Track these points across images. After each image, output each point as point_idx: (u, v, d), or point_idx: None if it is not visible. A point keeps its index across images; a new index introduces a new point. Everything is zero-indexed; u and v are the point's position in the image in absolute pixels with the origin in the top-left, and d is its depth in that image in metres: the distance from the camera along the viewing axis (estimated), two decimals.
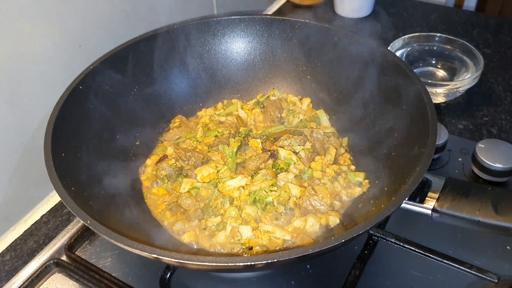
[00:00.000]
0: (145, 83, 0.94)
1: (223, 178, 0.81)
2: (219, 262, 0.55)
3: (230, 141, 0.89)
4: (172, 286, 0.73)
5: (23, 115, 0.80)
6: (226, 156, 0.86)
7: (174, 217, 0.78)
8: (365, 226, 0.58)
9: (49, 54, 0.81)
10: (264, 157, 0.85)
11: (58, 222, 0.86)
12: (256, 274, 0.75)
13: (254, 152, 0.87)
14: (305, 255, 0.55)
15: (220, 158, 0.87)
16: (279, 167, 0.83)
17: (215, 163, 0.85)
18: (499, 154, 0.84)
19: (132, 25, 0.96)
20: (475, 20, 1.35)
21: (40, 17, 0.77)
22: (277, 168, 0.83)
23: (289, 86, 1.01)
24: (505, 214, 0.64)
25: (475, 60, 1.06)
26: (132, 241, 0.57)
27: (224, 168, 0.83)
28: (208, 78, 1.00)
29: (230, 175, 0.82)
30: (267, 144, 0.88)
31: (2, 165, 0.79)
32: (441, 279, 0.73)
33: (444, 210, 0.67)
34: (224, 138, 0.90)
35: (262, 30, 0.99)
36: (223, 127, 0.92)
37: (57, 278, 0.76)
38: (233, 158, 0.85)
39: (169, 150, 0.88)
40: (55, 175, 0.65)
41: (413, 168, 0.66)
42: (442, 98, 1.06)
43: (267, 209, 0.78)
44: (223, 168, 0.83)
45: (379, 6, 1.42)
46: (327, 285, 0.73)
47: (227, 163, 0.84)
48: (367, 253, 0.75)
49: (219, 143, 0.89)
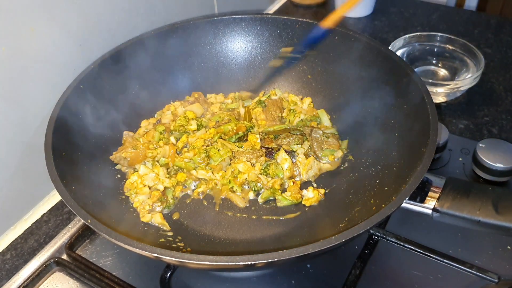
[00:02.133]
0: (145, 82, 0.94)
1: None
2: (219, 261, 0.55)
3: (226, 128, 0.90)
4: (173, 285, 0.73)
5: (24, 114, 0.80)
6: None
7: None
8: (365, 225, 0.58)
9: (50, 53, 0.81)
10: (258, 154, 0.85)
11: (58, 221, 0.86)
12: (256, 273, 0.75)
13: (250, 147, 0.87)
14: (305, 254, 0.55)
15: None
16: (267, 172, 0.84)
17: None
18: (499, 154, 0.84)
19: (133, 24, 0.96)
20: (476, 20, 1.35)
21: (41, 16, 0.77)
22: (266, 172, 0.84)
23: (289, 86, 1.01)
24: (505, 214, 0.64)
25: (476, 59, 1.06)
26: (132, 240, 0.57)
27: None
28: (209, 77, 1.00)
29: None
30: (266, 141, 0.88)
31: (3, 163, 0.79)
32: (441, 278, 0.73)
33: (444, 209, 0.67)
34: (223, 123, 0.91)
35: (263, 30, 0.99)
36: (226, 115, 0.94)
37: (57, 277, 0.76)
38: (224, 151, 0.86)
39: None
40: (55, 174, 0.66)
41: (413, 167, 0.66)
42: (443, 98, 1.06)
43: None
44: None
45: (380, 5, 1.42)
46: (328, 285, 0.73)
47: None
48: (368, 252, 0.75)
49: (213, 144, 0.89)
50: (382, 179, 0.78)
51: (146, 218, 0.77)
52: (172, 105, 0.97)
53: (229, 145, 0.86)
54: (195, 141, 0.88)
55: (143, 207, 0.79)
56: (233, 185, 0.83)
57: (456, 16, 1.37)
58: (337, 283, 0.72)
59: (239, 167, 0.83)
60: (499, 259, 0.75)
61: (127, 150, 0.84)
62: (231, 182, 0.83)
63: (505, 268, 0.73)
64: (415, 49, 1.14)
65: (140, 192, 0.80)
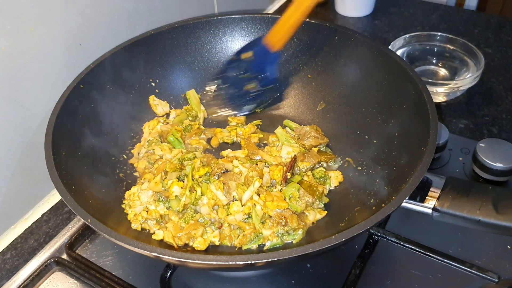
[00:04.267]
0: (145, 81, 0.94)
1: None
2: (219, 261, 0.55)
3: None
4: (173, 284, 0.73)
5: (24, 113, 0.80)
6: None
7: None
8: (365, 225, 0.58)
9: (50, 53, 0.81)
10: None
11: (58, 220, 0.86)
12: (256, 272, 0.75)
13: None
14: (305, 254, 0.55)
15: None
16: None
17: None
18: (499, 154, 0.84)
19: (133, 24, 0.96)
20: (476, 19, 1.35)
21: (41, 15, 0.77)
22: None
23: (289, 85, 1.01)
24: (505, 213, 0.64)
25: (476, 59, 1.06)
26: (132, 239, 0.58)
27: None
28: (208, 77, 1.00)
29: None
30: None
31: (3, 163, 0.79)
32: (441, 278, 0.73)
33: (444, 209, 0.67)
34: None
35: (263, 29, 0.99)
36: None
37: (57, 277, 0.76)
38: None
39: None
40: (55, 174, 0.66)
41: (413, 167, 0.66)
42: (443, 97, 1.06)
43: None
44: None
45: (380, 5, 1.42)
46: (328, 284, 0.73)
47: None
48: (368, 252, 0.75)
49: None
50: (382, 179, 0.78)
51: (137, 227, 0.75)
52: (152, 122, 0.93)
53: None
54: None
55: (136, 218, 0.76)
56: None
57: (456, 16, 1.37)
58: (337, 283, 0.72)
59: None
60: (499, 259, 0.75)
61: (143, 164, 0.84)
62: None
63: (505, 268, 0.73)
64: (415, 48, 1.14)
65: (133, 205, 0.77)
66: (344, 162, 0.87)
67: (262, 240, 0.74)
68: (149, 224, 0.75)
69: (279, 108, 1.00)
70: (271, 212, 0.75)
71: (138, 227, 0.75)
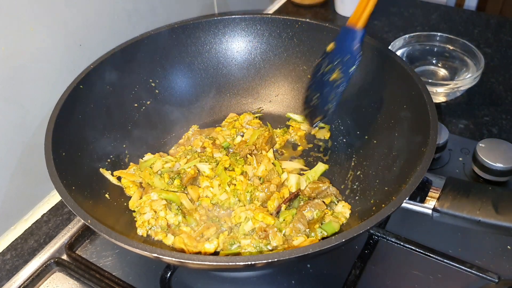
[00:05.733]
0: (145, 82, 0.94)
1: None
2: (219, 261, 0.55)
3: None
4: (173, 285, 0.73)
5: (24, 114, 0.80)
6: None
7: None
8: (365, 225, 0.58)
9: (50, 53, 0.81)
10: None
11: (58, 221, 0.86)
12: (256, 273, 0.75)
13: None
14: (305, 254, 0.55)
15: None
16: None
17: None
18: (499, 154, 0.84)
19: (133, 24, 0.96)
20: (476, 20, 1.35)
21: (41, 15, 0.77)
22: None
23: (289, 85, 1.01)
24: (505, 213, 0.64)
25: (475, 59, 1.06)
26: (132, 240, 0.57)
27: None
28: (208, 77, 1.00)
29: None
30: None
31: (3, 163, 0.79)
32: (441, 278, 0.73)
33: (444, 209, 0.67)
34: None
35: (263, 30, 0.99)
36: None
37: (57, 277, 0.76)
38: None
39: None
40: (55, 174, 0.65)
41: (413, 167, 0.66)
42: (442, 98, 1.06)
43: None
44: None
45: (380, 5, 1.41)
46: (328, 285, 0.73)
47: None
48: (368, 252, 0.75)
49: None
50: (382, 179, 0.78)
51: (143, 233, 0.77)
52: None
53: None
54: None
55: (143, 225, 0.76)
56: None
57: (456, 16, 1.37)
58: (337, 283, 0.72)
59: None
60: (499, 259, 0.75)
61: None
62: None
63: (505, 268, 0.73)
64: (415, 49, 1.14)
65: (143, 211, 0.78)
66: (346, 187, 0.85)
67: (239, 248, 0.73)
68: (154, 230, 0.76)
69: (279, 108, 1.00)
70: (256, 223, 0.75)
71: (144, 233, 0.76)
